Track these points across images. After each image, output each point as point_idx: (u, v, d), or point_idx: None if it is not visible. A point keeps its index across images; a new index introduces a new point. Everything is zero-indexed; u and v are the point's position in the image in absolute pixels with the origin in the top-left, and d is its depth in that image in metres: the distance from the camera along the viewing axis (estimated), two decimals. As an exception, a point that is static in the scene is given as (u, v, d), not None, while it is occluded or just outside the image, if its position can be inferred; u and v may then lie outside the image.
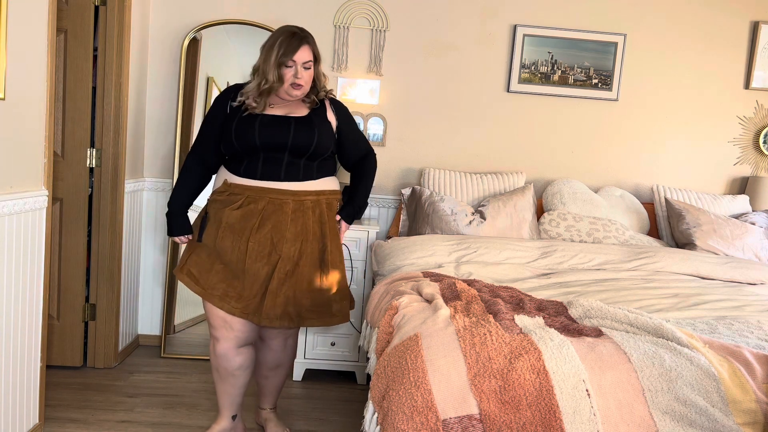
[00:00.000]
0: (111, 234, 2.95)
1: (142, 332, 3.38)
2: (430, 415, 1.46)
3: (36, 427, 2.27)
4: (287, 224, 2.09)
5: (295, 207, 2.11)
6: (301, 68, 2.08)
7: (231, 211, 2.10)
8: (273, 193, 2.09)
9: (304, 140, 2.08)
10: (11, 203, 1.99)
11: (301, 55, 2.07)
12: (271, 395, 2.43)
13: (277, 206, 2.09)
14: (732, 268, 2.64)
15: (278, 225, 2.09)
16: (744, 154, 3.51)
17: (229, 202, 2.12)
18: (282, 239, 2.09)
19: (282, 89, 2.10)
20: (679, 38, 3.41)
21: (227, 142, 2.12)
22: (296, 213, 2.11)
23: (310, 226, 2.13)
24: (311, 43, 2.11)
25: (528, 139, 3.43)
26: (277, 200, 2.09)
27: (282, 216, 2.09)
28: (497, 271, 2.48)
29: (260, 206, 2.09)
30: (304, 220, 2.12)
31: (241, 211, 2.10)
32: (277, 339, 2.32)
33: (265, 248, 2.09)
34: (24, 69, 2.03)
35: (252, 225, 2.08)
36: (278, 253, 2.09)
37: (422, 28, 3.33)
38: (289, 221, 2.10)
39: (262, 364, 2.36)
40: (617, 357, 1.53)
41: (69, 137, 2.83)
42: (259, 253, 2.08)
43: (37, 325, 2.23)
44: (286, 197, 2.10)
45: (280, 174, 2.10)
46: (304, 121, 2.12)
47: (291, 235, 2.10)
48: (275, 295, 2.08)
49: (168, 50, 3.26)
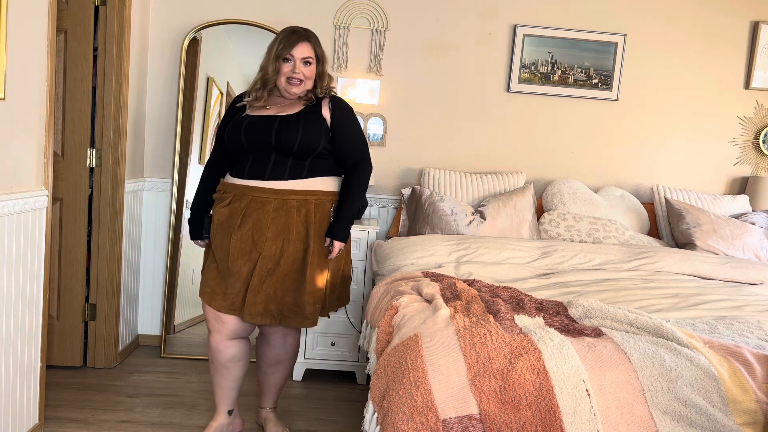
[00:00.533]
0: (111, 234, 2.95)
1: (142, 332, 3.38)
2: (430, 415, 1.46)
3: (36, 427, 2.27)
4: (267, 223, 2.10)
5: (277, 206, 2.11)
6: (300, 63, 2.12)
7: (221, 208, 2.17)
8: (256, 192, 2.12)
9: (286, 138, 2.09)
10: (11, 203, 1.99)
11: (299, 50, 2.11)
12: (270, 393, 2.44)
13: (259, 204, 2.11)
14: (732, 268, 2.64)
15: (258, 223, 2.10)
16: (744, 154, 3.51)
17: (221, 200, 2.19)
18: (262, 237, 2.10)
19: (281, 85, 2.13)
20: (679, 38, 3.41)
21: (222, 144, 2.22)
22: (278, 212, 2.11)
23: (293, 226, 2.12)
24: (312, 42, 2.15)
25: (528, 139, 3.43)
26: (260, 198, 2.11)
27: (263, 214, 2.11)
28: (497, 271, 2.48)
29: (243, 204, 2.12)
30: (287, 219, 2.11)
31: (229, 208, 2.15)
32: (276, 334, 2.33)
33: (246, 246, 2.11)
34: (24, 69, 2.03)
35: (235, 222, 2.12)
36: (258, 251, 2.11)
37: (422, 28, 3.33)
38: (269, 220, 2.10)
39: (261, 359, 2.39)
40: (617, 357, 1.53)
41: (69, 137, 2.83)
42: (241, 251, 2.11)
43: (37, 325, 2.23)
44: (268, 196, 2.11)
45: (265, 173, 2.12)
46: (291, 119, 2.12)
47: (271, 233, 2.10)
48: (256, 293, 2.11)
49: (168, 50, 3.26)
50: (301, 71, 2.12)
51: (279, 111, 2.16)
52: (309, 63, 2.13)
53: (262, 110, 2.17)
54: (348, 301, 2.36)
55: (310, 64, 2.14)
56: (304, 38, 2.13)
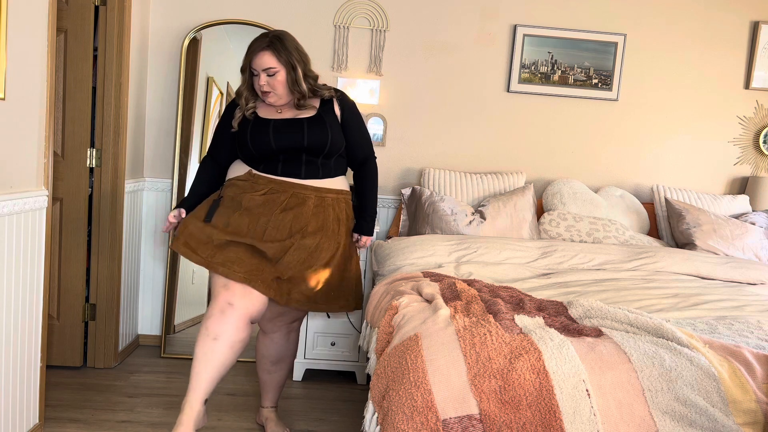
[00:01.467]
0: (111, 234, 2.95)
1: (142, 332, 3.38)
2: (430, 415, 1.46)
3: (36, 427, 2.27)
4: (309, 218, 2.12)
5: (317, 203, 2.15)
6: (264, 75, 2.08)
7: (254, 195, 2.12)
8: (296, 188, 2.13)
9: (318, 139, 2.12)
10: (11, 203, 1.99)
11: (258, 62, 2.07)
12: (273, 392, 2.44)
13: (300, 200, 2.13)
14: (732, 268, 2.64)
15: (299, 217, 2.11)
16: (744, 154, 3.51)
17: (252, 189, 2.14)
18: (301, 231, 2.10)
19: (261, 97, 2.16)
20: (679, 38, 3.41)
21: (244, 149, 2.17)
22: (318, 208, 2.14)
23: (329, 224, 2.16)
24: (274, 49, 2.07)
25: (528, 139, 3.43)
26: (300, 194, 2.13)
27: (304, 209, 2.12)
28: (497, 271, 2.48)
29: (283, 198, 2.12)
30: (325, 216, 2.15)
31: (265, 197, 2.12)
32: (279, 332, 2.33)
33: (282, 233, 2.08)
34: (24, 69, 2.03)
35: (273, 210, 2.10)
36: (292, 241, 2.08)
37: (422, 28, 3.33)
38: (310, 215, 2.12)
39: (265, 357, 2.38)
40: (617, 357, 1.53)
41: (69, 137, 2.83)
42: (275, 237, 2.08)
43: (37, 325, 2.23)
44: (309, 192, 2.14)
45: (301, 172, 2.15)
46: (316, 120, 2.15)
47: (312, 228, 2.12)
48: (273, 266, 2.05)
49: (168, 50, 3.26)
50: (265, 83, 2.09)
51: (296, 114, 2.17)
52: (272, 74, 2.08)
53: (275, 113, 2.18)
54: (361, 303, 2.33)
55: (274, 75, 2.08)
56: (262, 48, 2.07)
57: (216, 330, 2.00)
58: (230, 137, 2.23)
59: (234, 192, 2.16)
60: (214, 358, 2.01)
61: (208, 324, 2.02)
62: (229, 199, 2.15)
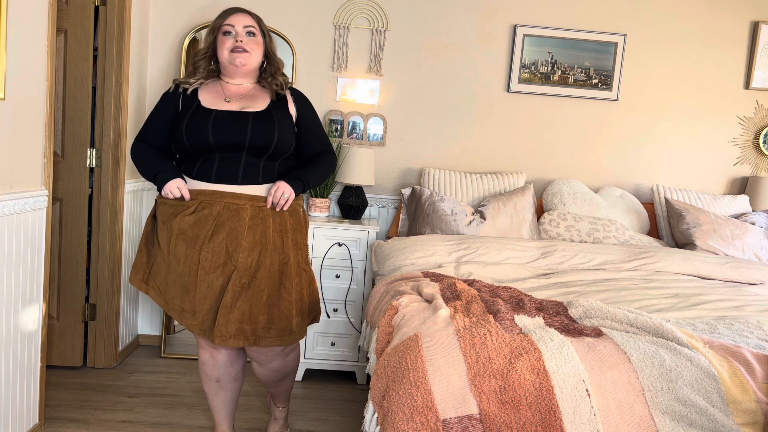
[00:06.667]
0: (111, 234, 2.95)
1: (142, 332, 3.38)
2: (430, 415, 1.46)
3: (36, 427, 2.27)
4: (244, 232, 1.91)
5: (253, 213, 1.93)
6: (243, 32, 1.98)
7: (183, 217, 1.92)
8: (229, 197, 1.91)
9: (263, 137, 1.93)
10: (11, 203, 1.99)
11: (239, 19, 1.99)
12: (281, 397, 2.35)
13: (234, 212, 1.91)
14: (732, 268, 2.64)
15: (234, 232, 1.91)
16: (744, 154, 3.51)
17: (181, 207, 1.93)
18: (238, 248, 1.90)
19: (224, 59, 1.98)
20: (679, 38, 3.41)
21: (178, 141, 1.96)
22: (254, 219, 1.93)
23: (269, 235, 1.95)
24: (255, 17, 2.03)
25: (528, 139, 3.43)
26: (233, 205, 1.91)
27: (239, 222, 1.91)
28: (497, 271, 2.48)
29: (215, 211, 1.91)
30: (264, 228, 1.94)
31: (194, 216, 1.91)
32: (276, 361, 2.11)
33: (219, 258, 1.90)
34: (24, 69, 2.03)
35: (206, 232, 1.90)
36: (234, 264, 1.91)
37: (422, 28, 3.33)
38: (246, 228, 1.91)
39: (267, 384, 2.25)
40: (617, 357, 1.53)
41: (69, 137, 2.83)
42: (213, 264, 1.90)
43: (37, 325, 2.23)
44: (244, 202, 1.93)
45: (237, 176, 1.93)
46: (263, 115, 1.96)
47: (248, 243, 1.91)
48: (229, 311, 1.89)
49: (168, 50, 3.26)
50: (244, 40, 1.96)
51: (245, 106, 1.98)
52: (253, 34, 1.99)
53: (223, 104, 1.98)
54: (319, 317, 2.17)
55: (254, 35, 1.99)
56: (243, 10, 2.01)
57: (215, 375, 2.13)
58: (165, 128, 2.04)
59: (165, 213, 1.96)
60: (224, 394, 2.17)
61: (206, 370, 2.13)
62: (163, 223, 1.97)
